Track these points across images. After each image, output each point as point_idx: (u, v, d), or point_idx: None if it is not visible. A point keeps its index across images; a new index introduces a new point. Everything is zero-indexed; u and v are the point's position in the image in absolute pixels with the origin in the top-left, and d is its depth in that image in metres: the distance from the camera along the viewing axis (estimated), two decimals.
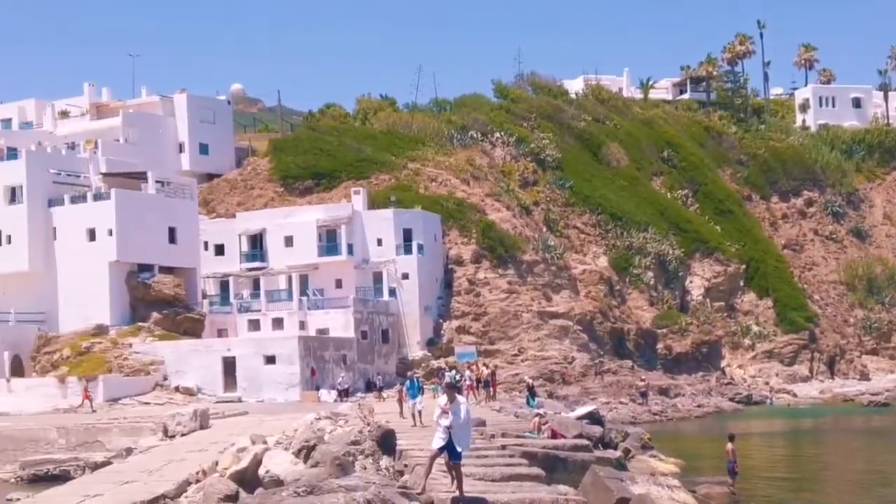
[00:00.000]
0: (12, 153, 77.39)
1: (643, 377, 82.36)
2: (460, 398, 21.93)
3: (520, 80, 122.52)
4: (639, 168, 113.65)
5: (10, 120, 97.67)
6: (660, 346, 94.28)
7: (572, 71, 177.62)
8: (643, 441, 44.71)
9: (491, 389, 57.45)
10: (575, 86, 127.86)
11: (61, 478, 39.53)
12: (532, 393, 48.68)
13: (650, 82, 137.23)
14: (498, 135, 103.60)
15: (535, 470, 26.02)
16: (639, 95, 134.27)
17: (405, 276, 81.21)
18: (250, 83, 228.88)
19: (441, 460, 21.72)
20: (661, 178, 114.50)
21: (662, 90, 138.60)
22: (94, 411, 57.87)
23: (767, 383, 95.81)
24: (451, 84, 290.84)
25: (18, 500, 31.59)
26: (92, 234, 72.60)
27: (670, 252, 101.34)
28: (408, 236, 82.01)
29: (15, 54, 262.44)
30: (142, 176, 76.53)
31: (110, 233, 71.96)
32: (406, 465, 25.79)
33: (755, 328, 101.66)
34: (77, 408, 59.53)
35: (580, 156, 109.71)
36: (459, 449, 21.30)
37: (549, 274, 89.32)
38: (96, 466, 39.78)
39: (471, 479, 22.88)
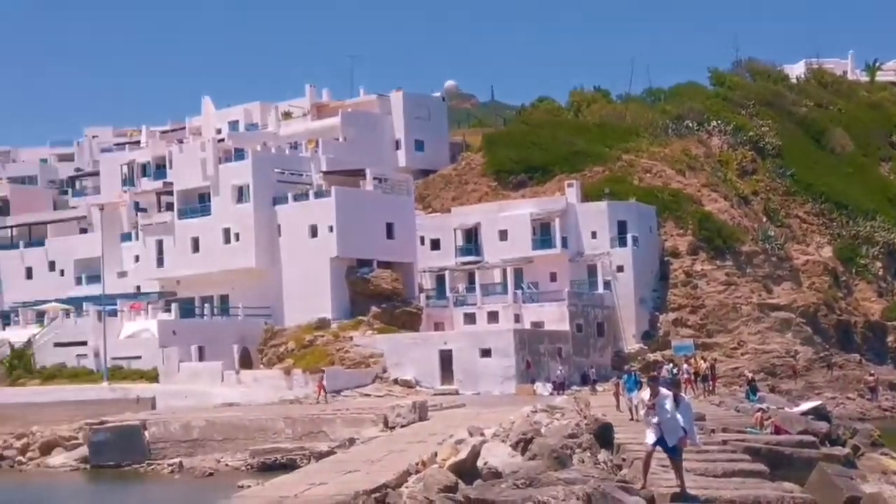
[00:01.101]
0: (239, 154, 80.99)
1: (872, 371, 78.95)
2: (664, 391, 20.91)
3: (737, 67, 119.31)
4: (865, 154, 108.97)
5: (237, 122, 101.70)
6: (890, 339, 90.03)
7: (793, 55, 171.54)
8: (873, 438, 42.83)
9: (710, 383, 56.32)
10: (796, 70, 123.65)
11: (288, 466, 40.98)
12: (752, 387, 47.39)
13: (877, 64, 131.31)
14: (714, 123, 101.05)
15: (759, 466, 25.23)
16: (864, 78, 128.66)
17: (620, 269, 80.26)
18: (464, 79, 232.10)
19: (664, 455, 21.27)
20: (890, 164, 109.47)
21: (891, 72, 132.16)
22: (318, 402, 59.69)
23: None
24: (666, 73, 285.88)
25: (249, 486, 32.93)
26: (314, 231, 75.09)
27: None
28: (622, 229, 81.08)
29: (242, 60, 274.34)
30: (360, 173, 78.64)
31: (331, 229, 74.25)
32: (624, 460, 25.46)
33: None
34: (317, 399, 60.88)
35: (802, 142, 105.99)
36: (671, 443, 20.69)
37: (770, 265, 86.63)
38: (321, 456, 41.12)
39: (692, 474, 22.36)
